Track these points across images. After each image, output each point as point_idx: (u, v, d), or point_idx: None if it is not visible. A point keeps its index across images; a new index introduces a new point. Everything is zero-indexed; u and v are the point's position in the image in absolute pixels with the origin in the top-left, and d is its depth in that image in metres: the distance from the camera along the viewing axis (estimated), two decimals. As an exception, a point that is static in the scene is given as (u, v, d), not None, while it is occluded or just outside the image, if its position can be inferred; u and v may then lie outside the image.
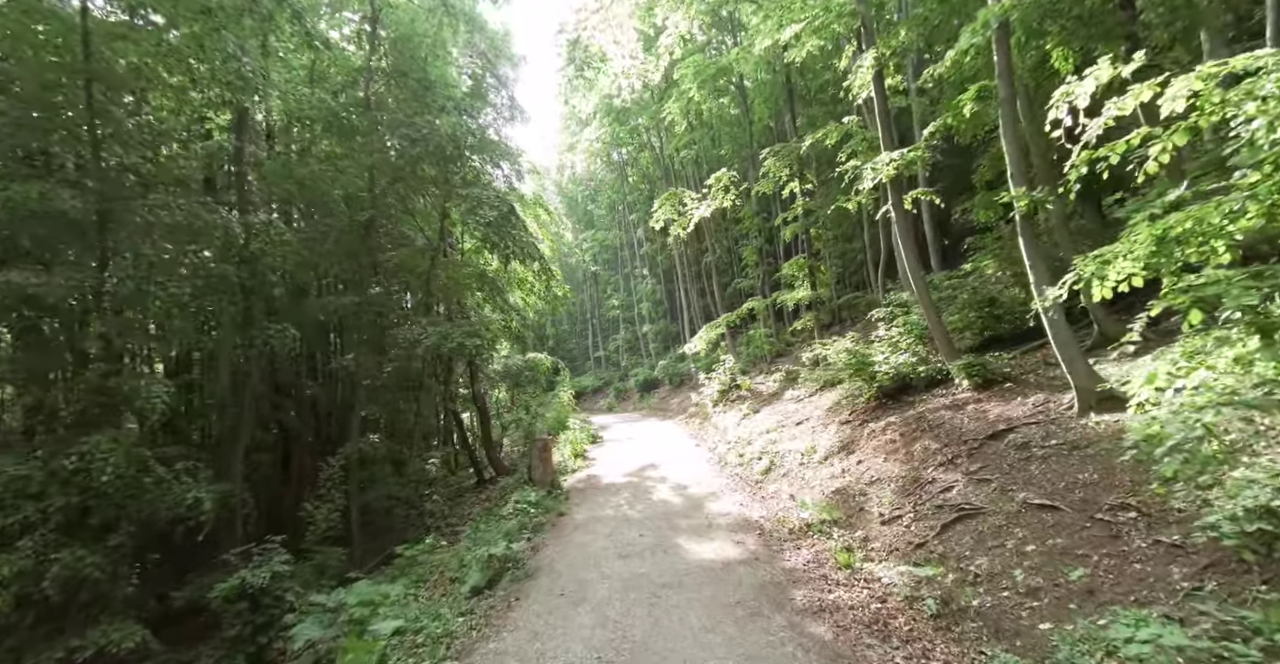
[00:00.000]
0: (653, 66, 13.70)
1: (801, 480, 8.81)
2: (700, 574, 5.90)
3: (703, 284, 31.27)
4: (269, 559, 6.53)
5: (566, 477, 12.16)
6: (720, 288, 27.45)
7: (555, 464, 12.90)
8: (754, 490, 9.51)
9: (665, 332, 35.95)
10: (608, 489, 10.53)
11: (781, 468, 9.86)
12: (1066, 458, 5.18)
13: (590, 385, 41.23)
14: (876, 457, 7.81)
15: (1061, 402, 6.19)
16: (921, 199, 8.30)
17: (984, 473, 5.79)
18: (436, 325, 10.20)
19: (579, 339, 52.41)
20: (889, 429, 8.20)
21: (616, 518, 8.49)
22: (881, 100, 8.24)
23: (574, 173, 43.36)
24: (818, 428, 10.69)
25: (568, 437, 15.12)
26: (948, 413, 7.58)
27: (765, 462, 10.46)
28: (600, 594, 5.62)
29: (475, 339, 10.14)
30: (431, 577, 7.07)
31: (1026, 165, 6.07)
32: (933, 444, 6.99)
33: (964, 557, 4.82)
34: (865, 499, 6.95)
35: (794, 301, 14.17)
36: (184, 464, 6.91)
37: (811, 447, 9.68)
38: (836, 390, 13.03)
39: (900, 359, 9.13)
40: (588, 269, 47.41)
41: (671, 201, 13.93)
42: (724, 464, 11.93)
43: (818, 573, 5.71)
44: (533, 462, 11.44)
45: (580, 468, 12.93)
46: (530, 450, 11.50)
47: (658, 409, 27.11)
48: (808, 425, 11.35)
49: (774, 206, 27.45)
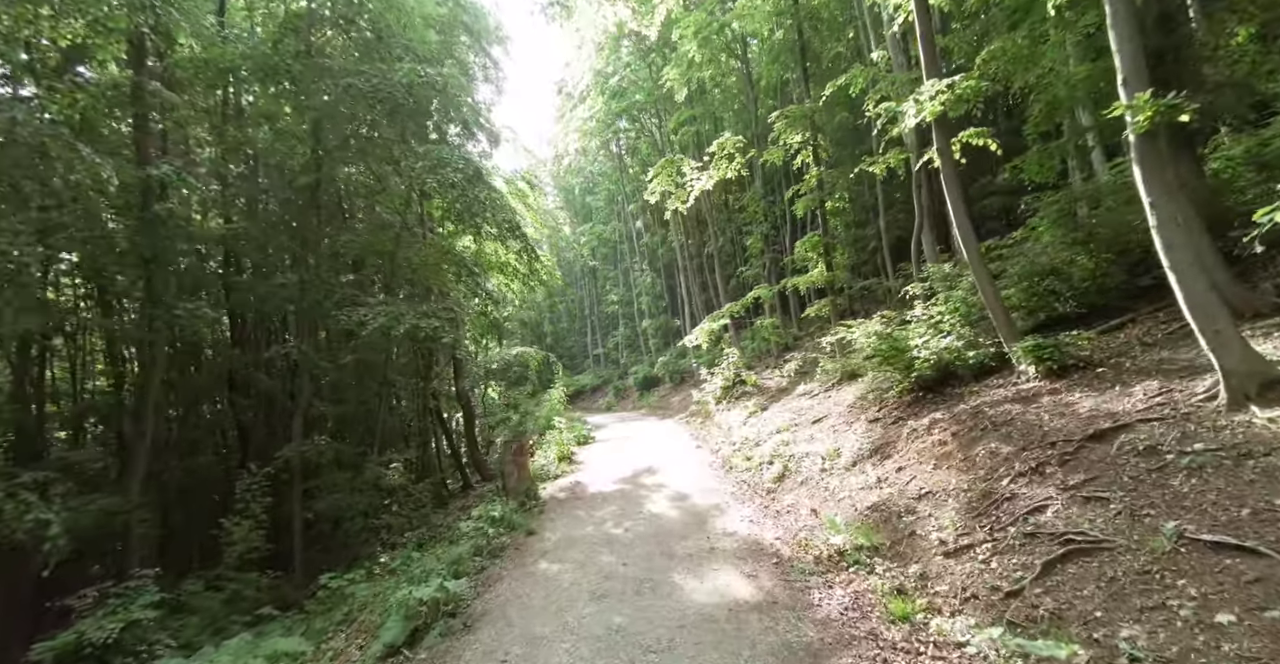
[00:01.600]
0: (646, 20, 12.11)
1: (825, 491, 7.18)
2: (699, 629, 4.29)
3: (704, 277, 29.69)
4: (131, 601, 4.94)
5: (547, 484, 10.55)
6: (724, 280, 25.88)
7: (535, 470, 11.31)
8: (766, 502, 7.89)
9: (665, 327, 34.37)
10: (593, 500, 8.92)
11: (798, 474, 8.24)
12: (1234, 471, 3.55)
13: (589, 384, 39.73)
14: (923, 463, 6.18)
15: (1192, 391, 4.55)
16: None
17: (1094, 488, 4.16)
18: (389, 306, 8.61)
19: (578, 337, 50.87)
20: (936, 428, 6.57)
21: (597, 539, 6.88)
22: (924, 18, 6.60)
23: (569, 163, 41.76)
24: (840, 427, 9.06)
25: (554, 437, 13.52)
26: (1015, 407, 5.95)
27: (778, 467, 8.84)
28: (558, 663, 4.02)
29: (432, 321, 8.55)
30: (352, 621, 5.47)
31: (1150, 64, 4.43)
32: (1003, 447, 5.36)
33: (1096, 619, 3.19)
34: (915, 519, 5.33)
35: (807, 285, 12.55)
36: (32, 476, 5.32)
37: (835, 449, 8.06)
38: (857, 384, 11.41)
39: (943, 343, 7.50)
40: (586, 264, 45.81)
41: (669, 171, 12.32)
42: (729, 468, 10.31)
43: (862, 628, 4.09)
44: (505, 467, 9.85)
45: (565, 473, 11.33)
46: (503, 455, 9.91)
47: (657, 407, 25.50)
48: (827, 424, 9.73)
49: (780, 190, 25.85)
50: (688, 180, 12.44)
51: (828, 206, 12.57)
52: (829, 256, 12.34)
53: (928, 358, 7.58)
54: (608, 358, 42.10)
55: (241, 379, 10.86)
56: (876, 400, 8.94)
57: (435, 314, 8.78)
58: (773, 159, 12.50)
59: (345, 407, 10.77)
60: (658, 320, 34.48)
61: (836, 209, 12.78)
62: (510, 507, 8.20)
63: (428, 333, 8.40)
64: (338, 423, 11.20)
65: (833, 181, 12.55)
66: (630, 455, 12.52)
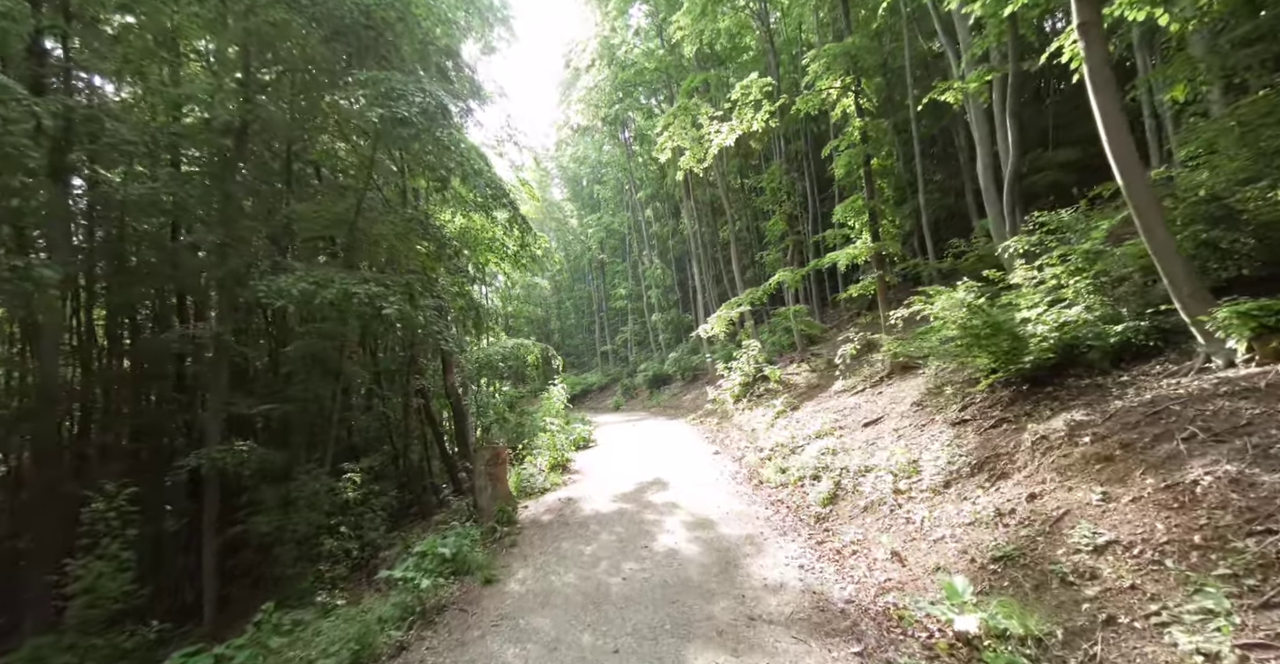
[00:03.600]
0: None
1: (907, 524, 5.05)
2: None
3: (719, 268, 27.60)
4: None
5: (531, 500, 8.51)
6: (740, 270, 23.76)
7: (519, 481, 9.28)
8: (816, 534, 5.78)
9: (676, 322, 32.31)
10: (585, 526, 6.85)
11: (858, 496, 6.11)
12: None
13: (596, 382, 37.79)
14: (1073, 488, 4.03)
15: None
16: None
17: None
18: (319, 271, 6.59)
19: (585, 334, 48.96)
20: (1083, 435, 4.41)
21: (582, 593, 4.81)
22: None
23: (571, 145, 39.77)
24: (908, 432, 6.91)
25: (547, 441, 11.47)
26: (1235, 405, 3.78)
27: (826, 484, 6.71)
28: None
29: (370, 286, 6.54)
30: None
31: None
32: (1248, 473, 3.20)
33: None
34: (1103, 591, 3.18)
35: (847, 261, 10.40)
36: None
37: (910, 462, 5.91)
38: (914, 377, 9.25)
39: (1070, 314, 5.34)
40: (594, 258, 43.79)
41: (683, 120, 10.21)
42: (758, 482, 8.21)
43: None
44: (478, 480, 7.82)
45: (556, 486, 9.27)
46: (476, 464, 7.89)
47: (668, 407, 23.41)
48: (886, 428, 7.58)
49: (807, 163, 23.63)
50: (705, 133, 10.35)
51: (874, 164, 10.41)
52: (875, 223, 10.17)
53: (1046, 336, 5.42)
54: (615, 355, 40.12)
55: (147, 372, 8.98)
56: (957, 396, 6.78)
57: (379, 281, 6.77)
58: (806, 108, 10.37)
59: (290, 405, 8.79)
60: (668, 314, 32.44)
61: (884, 168, 10.62)
62: (473, 535, 6.15)
63: (363, 301, 6.39)
64: (279, 425, 9.23)
65: (878, 135, 10.39)
66: (637, 463, 10.47)
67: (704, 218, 28.23)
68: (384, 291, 6.70)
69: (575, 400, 37.05)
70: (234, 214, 7.66)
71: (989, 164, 8.41)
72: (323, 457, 9.55)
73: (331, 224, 9.89)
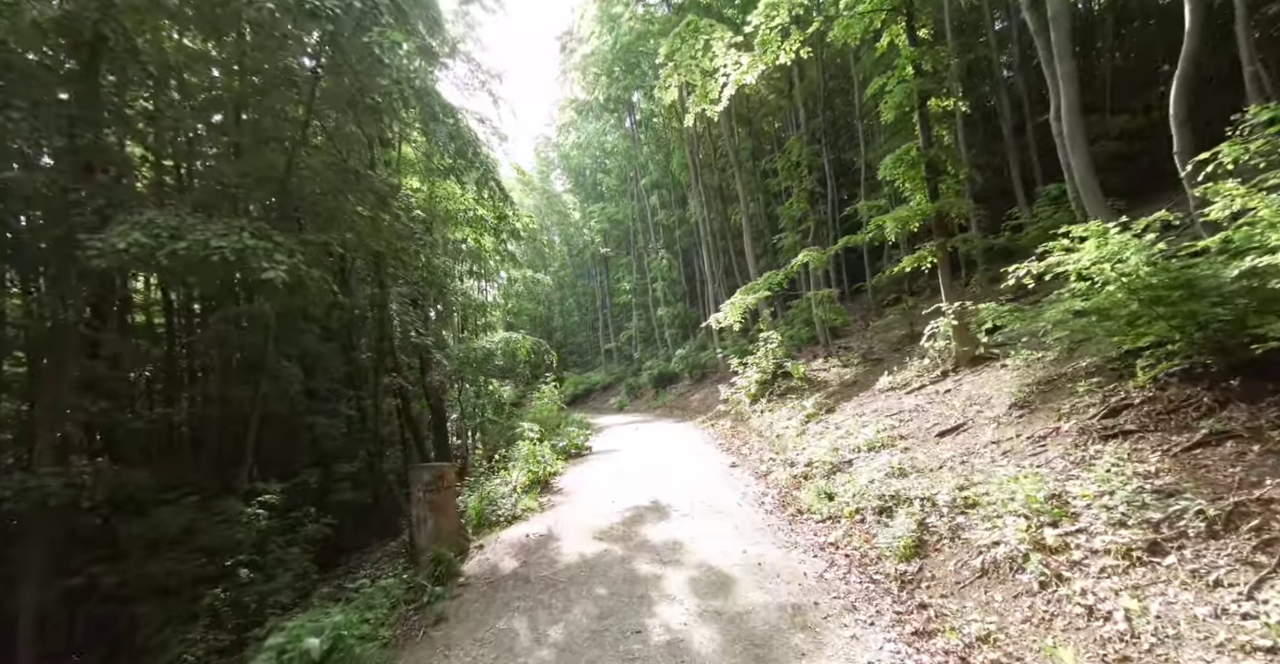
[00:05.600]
0: None
1: (1090, 618, 2.91)
2: None
3: (729, 259, 25.47)
4: None
5: (493, 535, 6.42)
6: (755, 256, 21.64)
7: (481, 505, 7.21)
8: (905, 611, 3.67)
9: (683, 317, 30.22)
10: (552, 586, 4.73)
11: (963, 546, 3.97)
12: None
13: (600, 381, 35.79)
14: None
15: None
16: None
17: None
18: (164, 217, 4.52)
19: (588, 332, 46.93)
20: None
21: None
22: None
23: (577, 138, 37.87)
24: (1019, 446, 4.75)
25: (526, 451, 9.37)
26: None
27: (904, 523, 4.55)
28: None
29: (243, 237, 4.49)
30: None
31: None
32: None
33: None
34: None
35: (898, 227, 8.24)
36: None
37: (1052, 498, 3.74)
38: (993, 369, 7.11)
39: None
40: (596, 251, 41.71)
41: (691, 43, 7.98)
42: (793, 512, 6.10)
43: None
44: (417, 512, 5.75)
45: (529, 513, 7.18)
46: (412, 488, 5.81)
47: (675, 407, 21.34)
48: (976, 439, 5.44)
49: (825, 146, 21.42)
50: (720, 69, 8.23)
51: (931, 105, 8.24)
52: (934, 178, 8.02)
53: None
54: (620, 352, 38.04)
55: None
56: (1091, 394, 4.63)
57: (264, 233, 4.71)
58: (846, 36, 8.23)
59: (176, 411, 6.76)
60: (675, 308, 30.37)
61: (943, 110, 8.44)
62: (383, 603, 4.08)
63: (228, 259, 4.36)
64: (161, 436, 7.20)
65: (937, 67, 8.22)
66: (637, 478, 8.38)
67: (713, 204, 26.12)
68: (269, 248, 4.65)
69: (578, 400, 35.10)
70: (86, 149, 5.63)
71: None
72: (236, 475, 7.53)
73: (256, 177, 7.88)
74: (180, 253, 4.25)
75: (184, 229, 4.39)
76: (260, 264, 4.51)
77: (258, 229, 4.80)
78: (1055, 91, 8.34)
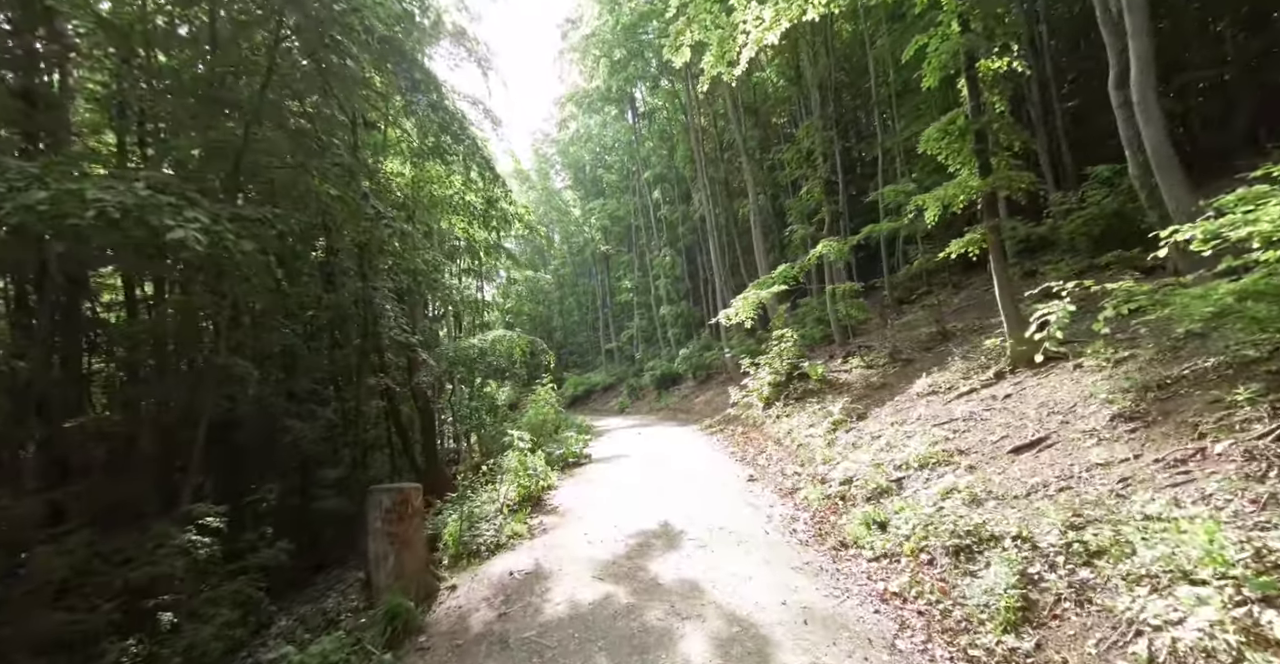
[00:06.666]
0: None
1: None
2: None
3: (735, 256, 24.40)
4: None
5: (470, 572, 5.34)
6: (765, 250, 20.62)
7: (455, 531, 6.12)
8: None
9: (687, 315, 29.18)
10: (537, 653, 3.65)
11: (1096, 616, 2.88)
12: None
13: (601, 382, 34.79)
14: None
15: None
16: None
17: None
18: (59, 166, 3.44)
19: (589, 332, 45.88)
20: None
21: None
22: None
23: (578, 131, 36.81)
24: (1147, 472, 3.65)
25: (514, 461, 8.26)
26: None
27: (998, 574, 3.45)
28: None
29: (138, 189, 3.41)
30: None
31: None
32: None
33: None
34: None
35: (940, 206, 7.16)
36: None
37: (1254, 558, 2.66)
38: (1062, 370, 6.02)
39: None
40: (597, 249, 40.62)
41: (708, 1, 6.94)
42: (835, 544, 5.01)
43: None
44: (372, 544, 4.66)
45: (517, 540, 6.09)
46: (371, 519, 4.71)
47: (679, 410, 20.27)
48: (1069, 458, 4.35)
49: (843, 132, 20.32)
50: (740, 26, 7.17)
51: (980, 67, 7.16)
52: (985, 151, 6.94)
53: None
54: (621, 353, 36.97)
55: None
56: (1261, 404, 3.54)
57: (172, 187, 3.64)
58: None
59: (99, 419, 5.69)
60: (678, 307, 29.31)
61: (996, 73, 7.35)
62: None
63: (109, 214, 3.29)
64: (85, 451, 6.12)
65: (989, 23, 7.14)
66: (641, 495, 7.30)
67: (718, 198, 25.02)
68: (175, 202, 3.55)
69: (577, 402, 34.03)
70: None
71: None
72: (177, 492, 6.45)
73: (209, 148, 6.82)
74: (41, 207, 3.17)
75: (48, 177, 3.32)
76: (164, 221, 3.44)
77: (159, 182, 3.73)
78: (1116, 53, 7.26)
